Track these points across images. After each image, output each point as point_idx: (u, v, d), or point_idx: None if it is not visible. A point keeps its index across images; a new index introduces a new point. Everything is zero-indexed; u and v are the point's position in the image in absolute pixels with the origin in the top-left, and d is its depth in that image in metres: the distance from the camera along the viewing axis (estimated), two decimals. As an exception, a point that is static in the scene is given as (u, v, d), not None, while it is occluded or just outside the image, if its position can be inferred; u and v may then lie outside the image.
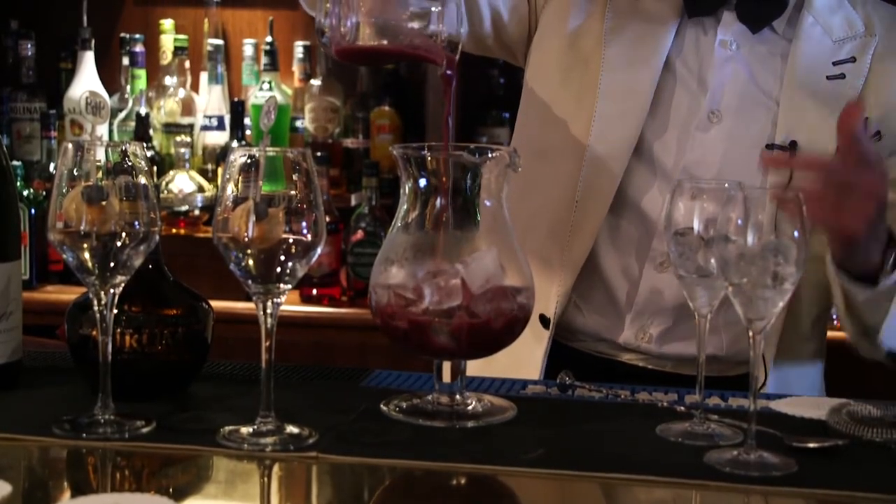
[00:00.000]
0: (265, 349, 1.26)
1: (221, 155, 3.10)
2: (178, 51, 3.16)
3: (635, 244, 1.72)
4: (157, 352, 1.38)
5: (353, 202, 3.04)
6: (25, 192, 2.95)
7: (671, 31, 1.72)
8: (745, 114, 1.70)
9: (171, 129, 3.12)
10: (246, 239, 1.22)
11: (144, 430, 1.27)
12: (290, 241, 1.23)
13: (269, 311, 1.25)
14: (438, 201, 1.37)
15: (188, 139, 3.10)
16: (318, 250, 1.25)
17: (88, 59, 3.13)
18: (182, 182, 3.05)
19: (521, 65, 1.85)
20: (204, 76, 3.21)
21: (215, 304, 1.47)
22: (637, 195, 1.71)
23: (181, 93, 3.15)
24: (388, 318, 1.36)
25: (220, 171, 3.10)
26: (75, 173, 1.26)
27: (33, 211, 2.90)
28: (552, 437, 1.31)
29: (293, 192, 1.23)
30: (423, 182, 1.37)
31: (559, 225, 1.72)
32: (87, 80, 3.12)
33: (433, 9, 1.41)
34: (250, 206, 1.22)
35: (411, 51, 1.42)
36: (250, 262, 1.23)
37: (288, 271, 1.24)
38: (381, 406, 1.38)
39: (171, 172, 3.07)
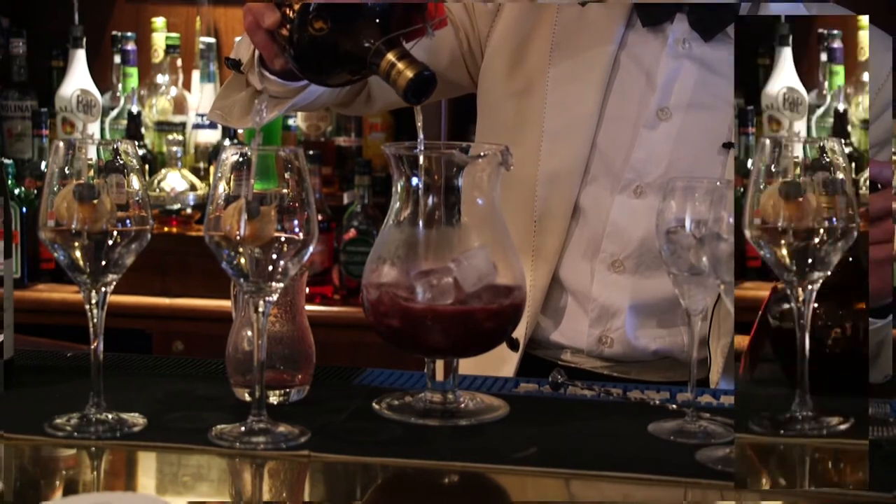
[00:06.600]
0: (257, 347, 1.26)
1: (213, 153, 3.09)
2: (170, 49, 3.15)
3: (585, 245, 1.69)
4: None
5: (345, 200, 3.04)
6: (17, 191, 2.94)
7: (617, 39, 1.69)
8: (696, 112, 1.67)
9: (163, 127, 3.11)
10: (238, 237, 1.22)
11: (136, 429, 1.27)
12: (282, 239, 1.23)
13: (261, 309, 1.25)
14: (431, 199, 1.37)
15: (180, 137, 3.09)
16: (311, 249, 1.25)
17: (80, 58, 3.12)
18: (174, 180, 3.04)
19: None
20: (196, 74, 3.20)
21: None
22: (585, 197, 1.68)
23: (173, 91, 3.14)
24: (381, 317, 1.36)
25: (212, 169, 3.09)
26: (67, 171, 1.26)
27: (24, 209, 2.90)
28: (544, 435, 1.31)
29: (285, 191, 1.23)
30: (415, 180, 1.37)
31: (522, 247, 1.67)
32: (78, 79, 3.11)
33: None
34: (242, 204, 1.22)
35: None
36: (242, 260, 1.23)
37: (280, 270, 1.24)
38: (374, 405, 1.38)
39: (163, 171, 3.06)
